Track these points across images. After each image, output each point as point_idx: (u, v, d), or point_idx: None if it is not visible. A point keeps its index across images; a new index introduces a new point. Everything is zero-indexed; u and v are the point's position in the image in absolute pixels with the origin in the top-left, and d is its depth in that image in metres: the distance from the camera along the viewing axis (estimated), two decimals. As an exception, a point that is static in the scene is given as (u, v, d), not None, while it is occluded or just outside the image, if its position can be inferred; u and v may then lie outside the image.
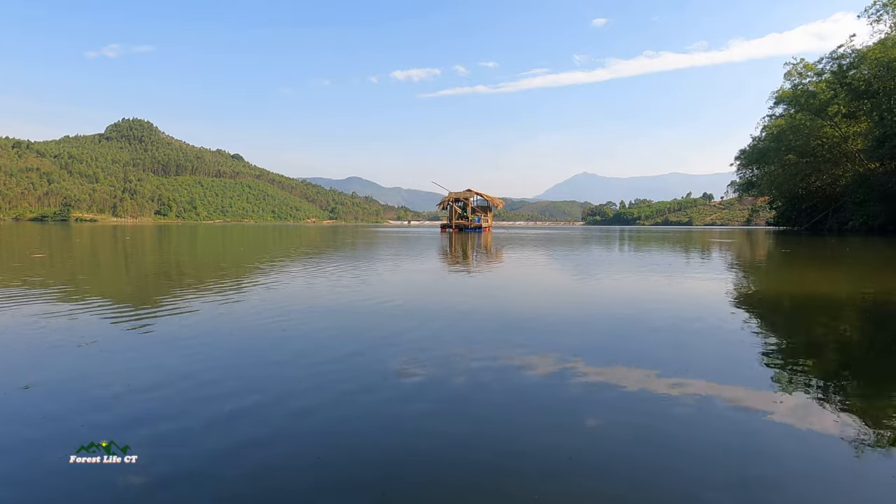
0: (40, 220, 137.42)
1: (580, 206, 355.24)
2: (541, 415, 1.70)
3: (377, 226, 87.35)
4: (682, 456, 1.42)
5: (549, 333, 2.93)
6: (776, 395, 1.89)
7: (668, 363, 2.31)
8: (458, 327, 3.10)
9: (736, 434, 1.55)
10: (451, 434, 1.54)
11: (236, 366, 2.27)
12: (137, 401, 1.82)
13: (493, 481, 1.28)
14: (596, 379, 2.05)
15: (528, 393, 1.90)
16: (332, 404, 1.78)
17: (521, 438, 1.52)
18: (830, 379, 2.14)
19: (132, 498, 1.20)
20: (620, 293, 4.71)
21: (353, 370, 2.19)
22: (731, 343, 2.73)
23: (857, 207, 29.88)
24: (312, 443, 1.49)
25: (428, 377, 2.08)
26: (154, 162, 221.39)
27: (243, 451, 1.43)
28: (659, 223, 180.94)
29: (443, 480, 1.28)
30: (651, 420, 1.65)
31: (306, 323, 3.20)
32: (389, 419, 1.65)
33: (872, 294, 4.68)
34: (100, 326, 3.06)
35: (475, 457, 1.40)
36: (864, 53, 29.79)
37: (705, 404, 1.78)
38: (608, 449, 1.46)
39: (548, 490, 1.24)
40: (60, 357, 2.39)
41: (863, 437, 1.53)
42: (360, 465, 1.36)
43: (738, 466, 1.35)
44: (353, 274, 6.18)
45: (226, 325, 3.13)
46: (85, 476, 1.31)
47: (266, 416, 1.68)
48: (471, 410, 1.73)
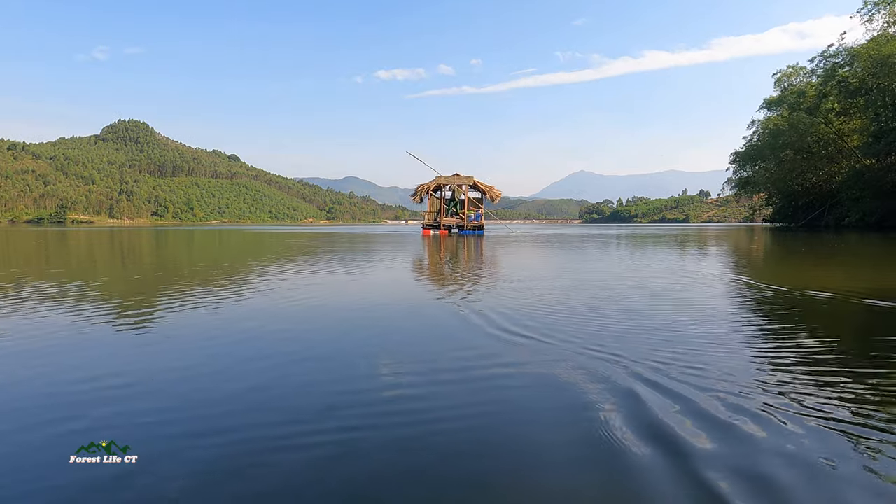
0: (36, 222, 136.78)
1: (577, 205, 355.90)
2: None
3: (373, 225, 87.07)
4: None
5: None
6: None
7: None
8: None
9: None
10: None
11: (238, 367, 2.27)
12: (138, 401, 1.81)
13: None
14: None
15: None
16: (333, 406, 1.78)
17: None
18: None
19: (132, 498, 1.20)
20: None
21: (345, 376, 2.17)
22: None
23: (854, 204, 30.04)
24: (313, 442, 1.48)
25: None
26: (150, 163, 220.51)
27: (244, 451, 1.43)
28: (656, 221, 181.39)
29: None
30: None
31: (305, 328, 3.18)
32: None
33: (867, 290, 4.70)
34: (99, 327, 3.05)
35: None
36: (856, 51, 29.98)
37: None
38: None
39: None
40: (60, 357, 2.38)
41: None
42: (360, 479, 1.35)
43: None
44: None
45: (228, 327, 3.12)
46: (85, 476, 1.30)
47: (267, 416, 1.68)
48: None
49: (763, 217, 53.32)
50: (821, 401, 1.76)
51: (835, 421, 1.59)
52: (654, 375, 2.02)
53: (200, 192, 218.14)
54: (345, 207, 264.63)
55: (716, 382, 1.95)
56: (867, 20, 29.73)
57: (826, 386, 1.92)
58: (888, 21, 28.86)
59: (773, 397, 1.80)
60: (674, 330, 2.91)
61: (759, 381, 1.97)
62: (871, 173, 28.95)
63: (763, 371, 2.12)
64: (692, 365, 2.18)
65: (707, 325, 3.06)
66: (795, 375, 2.05)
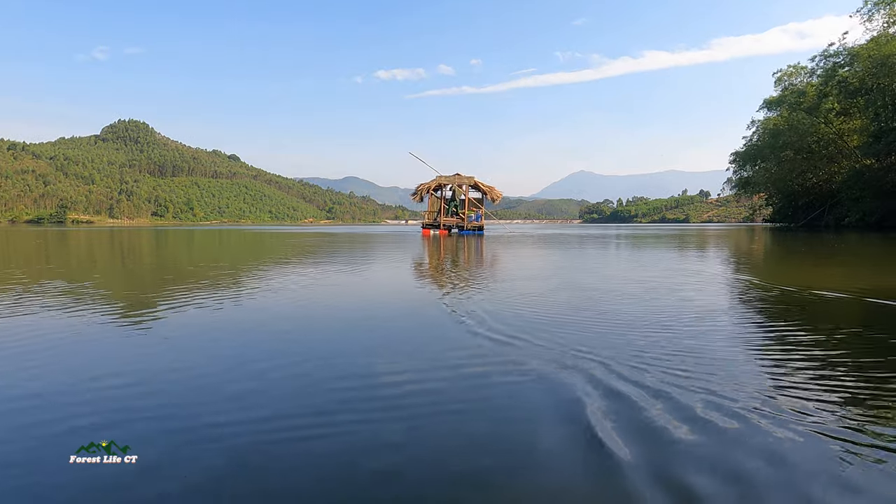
0: (36, 222, 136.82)
1: (577, 205, 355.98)
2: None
3: (373, 225, 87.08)
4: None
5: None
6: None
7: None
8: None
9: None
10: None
11: (238, 368, 2.27)
12: (138, 401, 1.81)
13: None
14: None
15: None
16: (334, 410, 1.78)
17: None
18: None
19: (132, 498, 1.20)
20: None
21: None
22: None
23: (853, 204, 30.03)
24: (313, 443, 1.49)
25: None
26: (150, 163, 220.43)
27: (244, 451, 1.43)
28: (656, 221, 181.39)
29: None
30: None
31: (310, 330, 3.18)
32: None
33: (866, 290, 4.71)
34: (99, 327, 3.05)
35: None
36: (856, 51, 30.00)
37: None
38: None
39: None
40: (60, 357, 2.38)
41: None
42: (366, 475, 1.35)
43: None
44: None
45: (228, 327, 3.12)
46: (85, 476, 1.30)
47: (267, 417, 1.68)
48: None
49: (763, 217, 53.32)
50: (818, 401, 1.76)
51: (840, 420, 1.59)
52: (634, 374, 2.03)
53: (200, 192, 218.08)
54: (345, 207, 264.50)
55: (707, 378, 1.95)
56: (866, 20, 29.76)
57: (827, 384, 1.92)
58: (888, 21, 28.88)
59: (764, 398, 1.80)
60: (652, 332, 2.91)
61: (758, 381, 1.98)
62: (871, 173, 28.95)
63: (763, 370, 2.12)
64: (674, 364, 2.18)
65: (707, 323, 3.07)
66: (791, 372, 2.05)
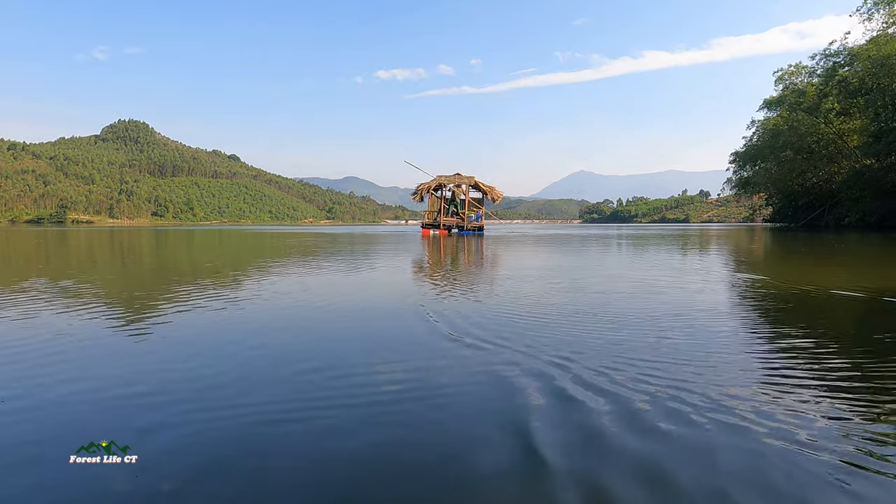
0: (36, 222, 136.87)
1: (577, 205, 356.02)
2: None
3: (373, 225, 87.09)
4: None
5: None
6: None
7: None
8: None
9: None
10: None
11: (238, 368, 2.27)
12: (138, 401, 1.81)
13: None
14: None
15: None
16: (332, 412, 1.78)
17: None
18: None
19: (132, 498, 1.20)
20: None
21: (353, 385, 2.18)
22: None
23: (853, 204, 30.02)
24: (313, 443, 1.49)
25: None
26: (150, 163, 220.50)
27: (243, 451, 1.43)
28: (656, 221, 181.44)
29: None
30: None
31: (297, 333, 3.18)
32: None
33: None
34: (98, 327, 3.05)
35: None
36: (856, 52, 29.98)
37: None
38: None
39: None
40: (60, 357, 2.38)
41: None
42: (364, 477, 1.35)
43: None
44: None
45: (228, 327, 3.12)
46: (85, 476, 1.30)
47: (270, 420, 1.68)
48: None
49: (763, 217, 53.30)
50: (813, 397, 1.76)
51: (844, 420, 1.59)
52: (618, 376, 2.04)
53: (200, 192, 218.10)
54: (345, 207, 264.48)
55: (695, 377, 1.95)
56: (866, 19, 29.75)
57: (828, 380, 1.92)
58: (888, 21, 28.87)
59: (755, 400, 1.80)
60: (629, 338, 2.91)
61: (756, 381, 1.98)
62: (871, 173, 28.93)
63: (763, 371, 2.13)
64: (649, 367, 2.18)
65: (708, 324, 3.07)
66: (788, 369, 2.06)
